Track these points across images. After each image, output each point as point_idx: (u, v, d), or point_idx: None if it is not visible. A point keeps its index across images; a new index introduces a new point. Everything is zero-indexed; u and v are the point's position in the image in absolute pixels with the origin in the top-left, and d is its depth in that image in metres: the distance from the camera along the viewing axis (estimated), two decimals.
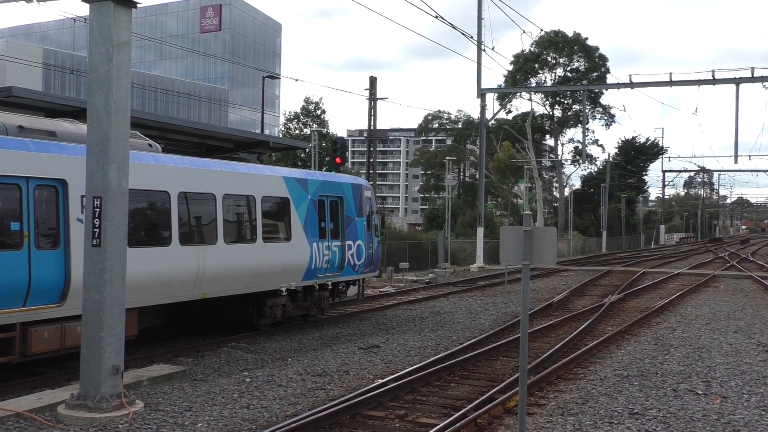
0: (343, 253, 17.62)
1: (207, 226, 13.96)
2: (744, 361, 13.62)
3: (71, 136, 11.80)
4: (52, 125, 11.90)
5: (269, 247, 15.33)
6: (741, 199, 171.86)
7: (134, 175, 10.63)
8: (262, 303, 15.68)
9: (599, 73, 73.21)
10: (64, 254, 11.02)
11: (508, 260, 8.20)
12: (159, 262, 12.60)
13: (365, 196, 18.76)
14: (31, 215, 10.59)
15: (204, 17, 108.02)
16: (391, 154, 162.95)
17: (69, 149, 11.26)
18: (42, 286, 10.70)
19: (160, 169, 12.85)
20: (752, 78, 32.82)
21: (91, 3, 9.55)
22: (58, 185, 11.00)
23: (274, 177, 15.85)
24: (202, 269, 13.43)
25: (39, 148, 10.79)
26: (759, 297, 25.37)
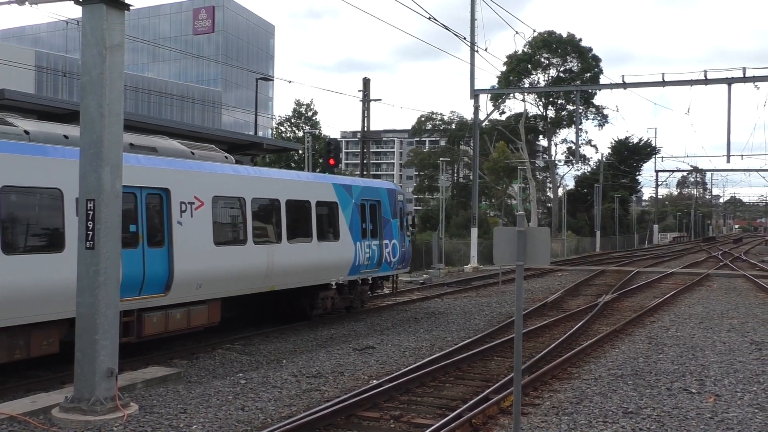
0: (381, 251, 19.60)
1: (273, 227, 15.83)
2: (737, 360, 13.68)
3: (167, 151, 13.86)
4: (152, 142, 13.84)
5: (322, 246, 17.27)
6: (734, 199, 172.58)
7: (221, 184, 14.09)
8: (314, 295, 17.49)
9: (592, 73, 73.37)
10: (167, 252, 12.90)
11: (502, 260, 8.23)
12: (238, 258, 14.50)
13: (398, 199, 20.79)
14: (143, 219, 12.54)
15: (197, 19, 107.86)
16: (384, 155, 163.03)
17: (169, 162, 13.30)
18: (152, 279, 12.58)
19: (238, 178, 14.89)
20: (744, 78, 32.97)
21: (84, 5, 9.54)
22: (162, 193, 12.94)
23: (325, 184, 17.93)
24: (271, 265, 15.34)
25: (149, 163, 12.82)
26: (752, 296, 25.47)
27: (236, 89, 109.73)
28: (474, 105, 39.10)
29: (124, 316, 11.88)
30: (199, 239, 13.55)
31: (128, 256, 11.85)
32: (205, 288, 13.64)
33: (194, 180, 13.61)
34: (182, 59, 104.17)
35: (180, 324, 13.29)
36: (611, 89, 37.94)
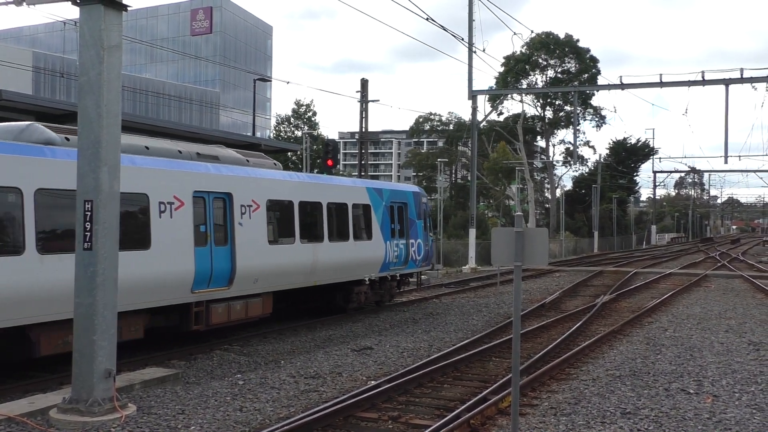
0: (408, 249, 21.14)
1: (317, 227, 17.34)
2: (735, 360, 13.70)
3: (227, 159, 15.46)
4: (214, 151, 15.57)
5: (357, 245, 18.72)
6: (731, 199, 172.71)
7: (273, 189, 15.80)
8: (350, 290, 18.94)
9: (590, 74, 73.43)
10: (230, 250, 14.32)
11: (500, 261, 8.23)
12: (287, 256, 16.07)
13: (422, 201, 22.42)
14: (211, 220, 14.02)
15: (195, 20, 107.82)
16: (382, 156, 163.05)
17: (230, 170, 14.83)
18: (218, 274, 14.07)
19: (288, 183, 16.63)
20: (741, 79, 33.03)
21: (82, 6, 9.53)
22: (226, 197, 14.39)
23: (360, 188, 19.54)
24: (315, 262, 16.91)
25: (215, 170, 14.35)
26: (750, 296, 25.50)
27: (234, 90, 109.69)
28: (472, 106, 39.13)
29: (196, 307, 13.73)
30: (256, 238, 15.08)
31: (199, 254, 13.55)
32: (260, 282, 15.21)
33: (252, 185, 15.19)
34: (180, 60, 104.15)
35: (240, 314, 14.92)
36: (609, 90, 38.00)
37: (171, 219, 13.01)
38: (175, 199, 13.16)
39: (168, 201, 12.99)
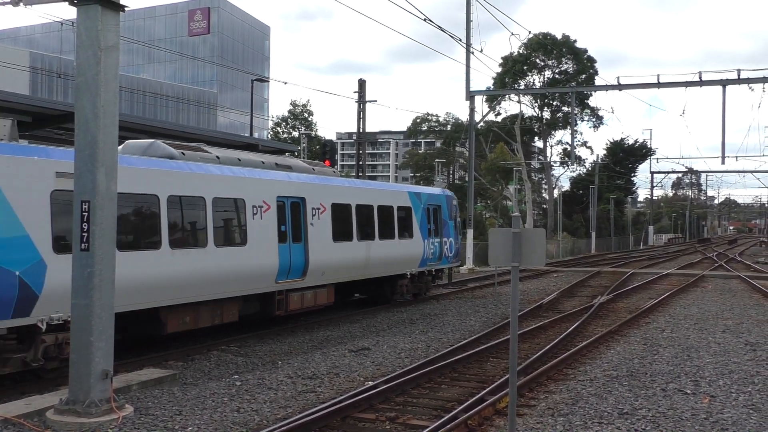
0: (441, 247, 23.37)
1: (370, 227, 19.59)
2: (732, 361, 13.72)
3: (299, 168, 18.02)
4: (288, 161, 18.14)
5: (402, 243, 20.95)
6: (728, 200, 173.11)
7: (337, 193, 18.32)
8: (394, 283, 21.36)
9: (587, 75, 73.53)
10: (304, 247, 16.72)
11: (498, 262, 8.23)
12: (347, 252, 18.41)
13: (453, 204, 24.71)
14: (289, 221, 16.36)
15: (192, 20, 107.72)
16: (380, 156, 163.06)
17: (302, 177, 17.33)
18: (295, 267, 16.42)
19: (347, 189, 19.26)
20: (738, 80, 33.08)
21: (79, 6, 9.52)
22: (300, 201, 16.79)
23: (403, 192, 22.05)
24: (368, 258, 19.26)
25: (292, 178, 16.81)
26: (747, 297, 25.54)
27: (232, 90, 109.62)
28: (469, 106, 39.13)
29: (278, 295, 16.11)
30: (323, 237, 17.41)
31: (281, 250, 16.00)
32: (326, 275, 17.57)
33: (319, 191, 17.57)
34: (178, 60, 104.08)
35: (310, 302, 17.30)
36: (606, 91, 38.04)
37: (261, 220, 15.38)
38: (264, 204, 15.52)
39: (259, 205, 15.34)
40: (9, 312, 10.31)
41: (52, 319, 10.87)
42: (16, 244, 10.47)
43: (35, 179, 10.85)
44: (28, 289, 10.55)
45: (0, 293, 10.19)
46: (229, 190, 14.58)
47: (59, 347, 11.13)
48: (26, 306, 10.54)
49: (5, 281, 10.26)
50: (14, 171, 10.53)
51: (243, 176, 15.15)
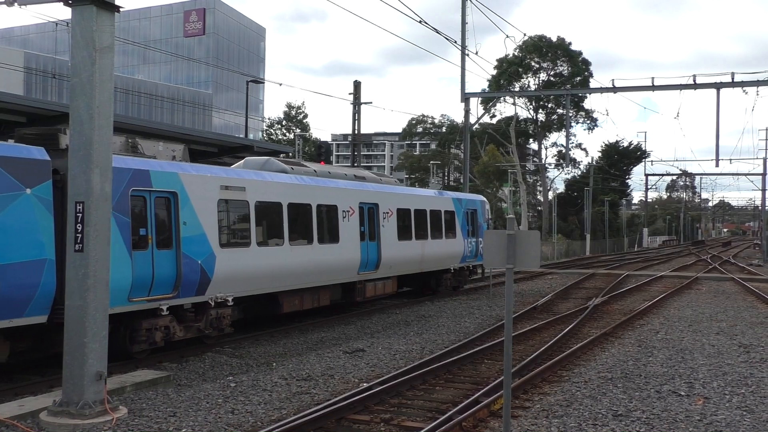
0: (477, 246, 26.39)
1: (424, 228, 22.94)
2: (726, 362, 13.76)
3: (371, 179, 21.67)
4: (361, 173, 21.72)
5: (447, 242, 24.14)
6: (722, 202, 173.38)
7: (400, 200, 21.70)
8: (439, 277, 24.67)
9: (582, 77, 73.69)
10: (377, 244, 20.08)
11: (492, 263, 8.24)
12: (408, 249, 21.77)
13: (486, 208, 28.32)
14: (366, 223, 19.70)
15: (187, 21, 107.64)
16: (375, 158, 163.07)
17: (375, 186, 20.78)
18: (371, 261, 19.77)
19: (408, 195, 22.78)
20: (732, 83, 33.19)
21: (74, 7, 9.49)
22: (374, 206, 20.18)
23: (448, 198, 25.42)
24: (423, 254, 22.58)
25: (367, 187, 20.24)
26: (740, 299, 25.61)
27: (227, 92, 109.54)
28: (465, 108, 39.14)
29: (358, 284, 19.49)
30: (391, 236, 20.73)
31: (362, 247, 19.40)
32: (393, 268, 21.00)
33: (388, 197, 20.92)
34: (173, 61, 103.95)
35: (381, 291, 20.80)
36: (601, 93, 38.12)
37: (348, 222, 18.76)
38: (350, 209, 18.92)
39: (347, 210, 18.75)
40: (193, 291, 13.64)
41: (217, 297, 14.18)
42: (198, 241, 13.65)
43: (208, 191, 14.04)
44: (205, 275, 13.80)
45: (189, 277, 13.41)
46: (327, 197, 18.06)
47: (219, 320, 14.51)
48: (203, 287, 13.86)
49: (192, 268, 13.47)
50: (196, 186, 13.71)
51: (336, 186, 18.69)
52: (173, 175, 13.33)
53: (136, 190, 12.54)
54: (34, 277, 10.78)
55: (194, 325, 14.06)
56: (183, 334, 13.86)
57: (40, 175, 10.99)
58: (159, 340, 13.28)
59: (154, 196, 12.92)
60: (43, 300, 10.93)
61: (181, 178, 13.46)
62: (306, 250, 17.01)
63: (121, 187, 12.12)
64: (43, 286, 10.90)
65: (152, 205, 12.90)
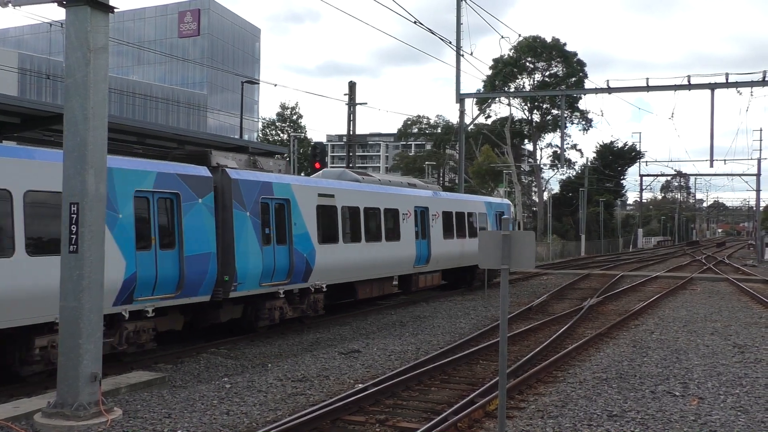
0: None
1: (463, 228, 26.23)
2: (720, 363, 13.79)
3: (421, 186, 25.42)
4: (413, 181, 26.03)
5: None
6: (717, 203, 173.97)
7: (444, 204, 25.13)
8: (473, 272, 27.66)
9: (577, 78, 73.80)
10: (427, 242, 23.35)
11: (487, 264, 8.24)
12: (450, 247, 24.94)
13: (511, 210, 32.16)
14: (418, 222, 22.94)
15: (182, 22, 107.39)
16: (370, 159, 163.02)
17: (425, 192, 24.33)
18: (423, 256, 23.08)
19: (449, 200, 26.10)
20: (727, 84, 33.32)
21: (68, 7, 9.47)
22: (425, 209, 23.53)
23: (481, 202, 29.57)
24: (462, 251, 25.79)
25: (419, 193, 23.71)
26: (735, 299, 25.68)
27: (222, 92, 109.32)
28: (459, 109, 39.22)
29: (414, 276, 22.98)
30: (438, 235, 23.97)
31: (417, 244, 22.59)
32: (439, 263, 24.17)
33: (435, 202, 24.39)
34: (167, 62, 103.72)
35: (429, 283, 24.06)
36: (596, 94, 38.21)
37: (406, 223, 22.06)
38: (408, 212, 22.25)
39: (405, 213, 22.10)
40: (300, 278, 16.98)
41: (316, 284, 17.62)
42: (304, 238, 17.04)
43: (310, 198, 17.47)
44: (308, 266, 17.14)
45: (298, 267, 16.74)
46: (391, 202, 21.46)
47: (315, 303, 17.87)
48: (307, 275, 17.18)
49: (300, 260, 16.84)
50: (302, 194, 17.13)
51: (397, 193, 22.20)
52: (287, 186, 16.81)
53: (264, 198, 15.81)
54: (205, 266, 13.99)
55: (299, 307, 17.39)
56: (292, 313, 17.10)
57: (206, 188, 14.23)
58: (276, 318, 16.43)
59: (274, 202, 16.28)
60: (210, 283, 14.18)
61: (292, 188, 16.97)
62: (377, 246, 20.46)
63: (254, 196, 15.40)
64: (210, 273, 14.12)
65: (273, 210, 16.20)
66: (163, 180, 13.30)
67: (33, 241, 10.99)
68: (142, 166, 13.10)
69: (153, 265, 13.00)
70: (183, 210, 13.61)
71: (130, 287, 12.54)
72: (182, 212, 13.61)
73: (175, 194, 13.57)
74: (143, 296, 12.84)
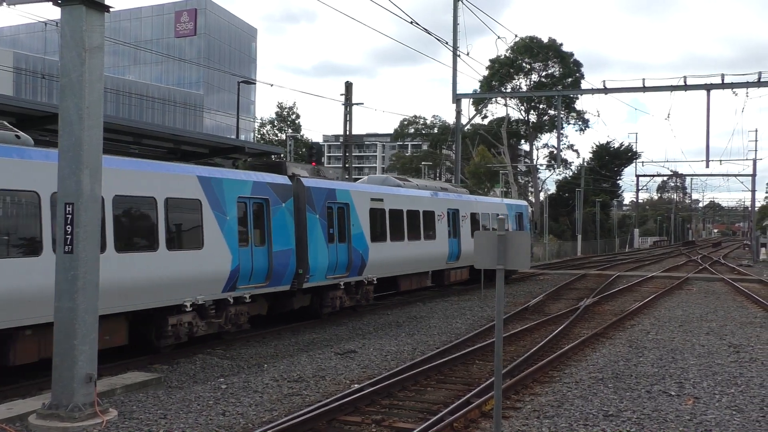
0: None
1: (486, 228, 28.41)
2: (716, 362, 13.82)
3: (451, 190, 27.81)
4: (445, 186, 28.11)
5: None
6: (713, 203, 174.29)
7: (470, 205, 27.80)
8: None
9: (573, 78, 73.80)
10: (457, 240, 25.77)
11: (483, 264, 8.24)
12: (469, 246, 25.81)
13: (529, 211, 34.55)
14: (450, 223, 25.60)
15: (179, 22, 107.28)
16: (367, 159, 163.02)
17: (455, 196, 27.02)
18: (454, 253, 25.68)
19: (476, 202, 28.82)
20: (722, 84, 33.40)
21: (63, 6, 9.44)
22: (456, 212, 26.24)
23: (503, 204, 32.26)
24: None
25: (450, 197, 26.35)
26: (730, 299, 25.73)
27: (218, 92, 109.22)
28: (456, 109, 39.23)
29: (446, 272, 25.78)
30: (467, 234, 26.41)
31: (449, 242, 25.30)
32: (467, 260, 26.16)
33: (464, 204, 27.25)
34: (164, 62, 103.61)
35: (458, 277, 26.75)
36: (592, 94, 38.25)
37: (440, 224, 24.65)
38: (442, 214, 25.03)
39: (440, 214, 24.81)
40: (356, 272, 19.60)
41: (368, 278, 20.26)
42: (360, 237, 19.65)
43: (364, 202, 20.17)
44: (363, 261, 19.79)
45: (356, 262, 19.44)
46: (428, 205, 24.05)
47: (367, 294, 20.54)
48: (362, 270, 19.86)
49: (357, 256, 19.46)
50: (358, 199, 19.87)
51: (433, 197, 24.75)
52: (347, 192, 19.53)
53: (329, 202, 18.43)
54: (287, 260, 16.58)
55: (355, 297, 20.04)
56: (349, 302, 19.70)
57: (287, 194, 16.88)
58: (337, 306, 19.17)
59: (337, 206, 18.94)
60: (290, 275, 16.80)
61: (351, 193, 19.67)
62: (417, 244, 22.98)
63: (322, 201, 18.06)
64: (290, 266, 16.71)
65: (336, 213, 18.82)
66: (257, 188, 15.89)
67: (170, 236, 13.59)
68: (242, 176, 15.75)
69: (250, 258, 15.47)
70: (271, 212, 16.19)
71: (235, 277, 14.94)
72: (270, 214, 16.18)
73: (265, 199, 16.12)
74: (243, 285, 15.26)
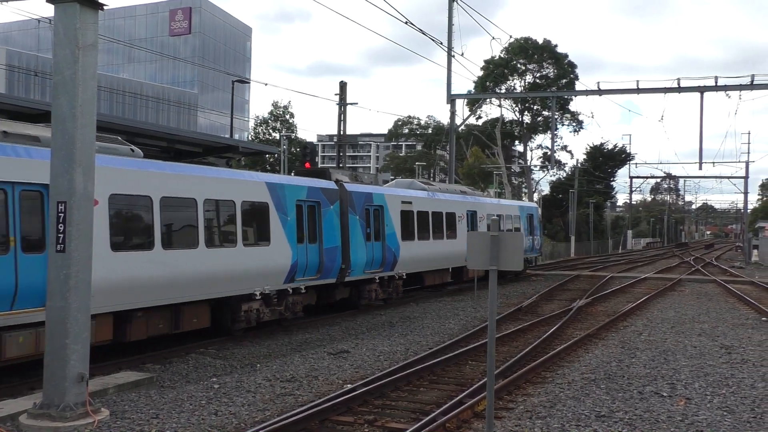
0: (533, 242, 35.62)
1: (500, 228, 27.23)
2: (707, 363, 13.86)
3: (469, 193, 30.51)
4: (463, 189, 30.89)
5: None
6: (706, 205, 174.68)
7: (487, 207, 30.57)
8: None
9: (568, 79, 73.95)
10: None
11: (476, 265, 8.25)
12: None
13: (539, 212, 36.94)
14: (469, 223, 27.71)
15: (173, 20, 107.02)
16: (361, 159, 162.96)
17: (473, 198, 29.65)
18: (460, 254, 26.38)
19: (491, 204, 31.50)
20: (716, 87, 33.53)
21: (57, 4, 9.41)
22: (474, 213, 28.59)
23: (515, 205, 34.94)
24: None
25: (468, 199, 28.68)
26: (722, 301, 25.83)
27: (212, 91, 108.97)
28: (450, 110, 39.28)
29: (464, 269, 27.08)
30: None
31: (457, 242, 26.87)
32: None
33: (481, 206, 29.67)
34: (158, 60, 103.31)
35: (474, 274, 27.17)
36: (587, 96, 38.35)
37: (461, 224, 26.94)
38: (462, 215, 27.32)
39: (460, 215, 27.17)
40: (389, 268, 21.71)
41: (399, 273, 22.36)
42: (392, 236, 21.82)
43: (396, 205, 22.35)
44: (395, 258, 21.94)
45: (389, 259, 21.50)
46: (451, 207, 26.41)
47: (397, 288, 22.71)
48: (393, 266, 21.98)
49: (390, 253, 21.58)
50: (391, 201, 22.07)
51: (455, 200, 27.14)
52: (382, 195, 21.69)
53: (367, 205, 20.66)
54: (335, 256, 18.78)
55: (387, 290, 22.19)
56: (382, 295, 22.08)
57: (335, 197, 19.13)
58: (372, 298, 21.35)
59: (373, 208, 21.05)
60: (337, 269, 18.92)
61: (385, 197, 21.83)
62: (440, 243, 25.18)
63: (361, 203, 20.25)
64: (337, 261, 18.89)
65: (372, 214, 20.94)
66: (311, 192, 18.14)
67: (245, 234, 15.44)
68: (299, 182, 18.14)
69: (305, 254, 17.59)
70: (322, 214, 18.43)
71: (294, 270, 17.05)
72: (321, 216, 18.40)
73: (317, 202, 18.38)
74: (300, 277, 17.37)
